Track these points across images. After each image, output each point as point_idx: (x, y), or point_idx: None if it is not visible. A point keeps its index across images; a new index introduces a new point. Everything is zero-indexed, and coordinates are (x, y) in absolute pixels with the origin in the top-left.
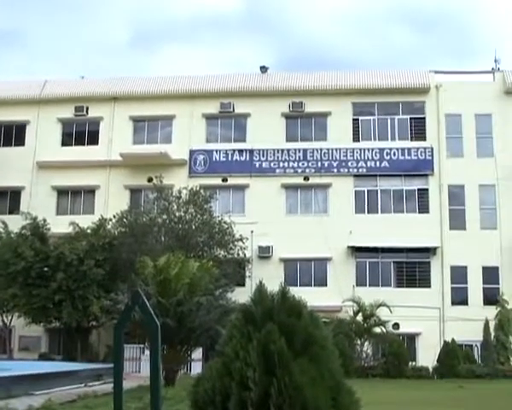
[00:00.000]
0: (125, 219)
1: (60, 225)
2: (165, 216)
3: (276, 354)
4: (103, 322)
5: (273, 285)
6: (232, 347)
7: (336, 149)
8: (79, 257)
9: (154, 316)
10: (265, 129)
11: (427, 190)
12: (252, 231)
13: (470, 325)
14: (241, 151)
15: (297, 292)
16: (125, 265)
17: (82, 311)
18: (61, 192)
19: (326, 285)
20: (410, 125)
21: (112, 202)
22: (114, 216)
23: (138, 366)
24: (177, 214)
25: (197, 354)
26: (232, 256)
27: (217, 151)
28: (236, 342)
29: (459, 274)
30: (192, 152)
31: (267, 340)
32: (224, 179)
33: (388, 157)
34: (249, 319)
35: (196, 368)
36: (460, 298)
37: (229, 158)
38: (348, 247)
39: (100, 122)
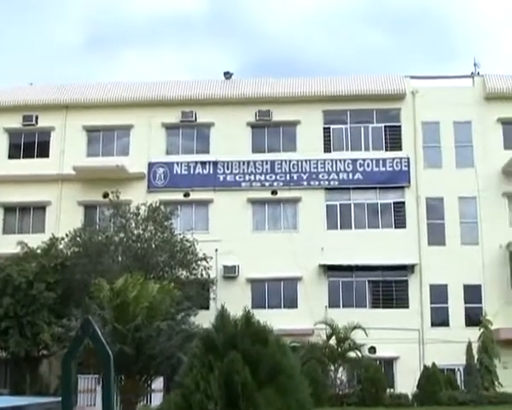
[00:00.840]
0: (78, 238)
1: (7, 245)
2: (122, 234)
3: (240, 385)
4: (55, 351)
5: (239, 308)
6: (192, 377)
7: (306, 161)
8: (28, 280)
9: (106, 345)
10: (230, 139)
11: (403, 203)
12: (216, 250)
13: (452, 347)
14: (203, 163)
15: (265, 315)
16: (79, 287)
17: (31, 339)
18: (8, 209)
19: (296, 307)
20: (385, 134)
21: (64, 220)
22: (67, 235)
23: (94, 399)
24: (135, 232)
25: (158, 383)
26: (195, 277)
27: (178, 164)
28: (197, 372)
29: (439, 293)
30: (151, 165)
31: (230, 370)
32: (186, 194)
33: (362, 168)
34: (210, 347)
35: (157, 399)
36: (440, 319)
37: (192, 171)
38: (320, 265)
39: (51, 132)
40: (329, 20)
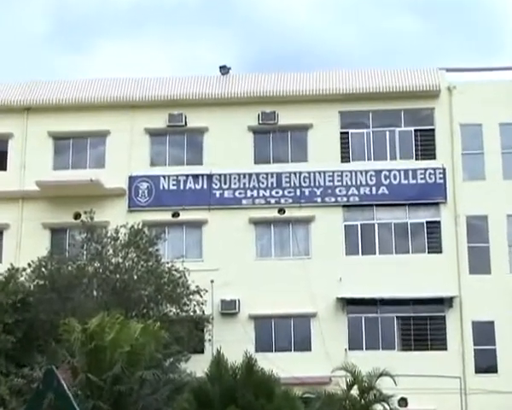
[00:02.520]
0: (43, 269)
1: None
2: (97, 263)
3: None
4: (13, 408)
5: (240, 351)
6: None
7: (320, 173)
8: None
9: (73, 402)
10: (228, 148)
11: (438, 222)
12: (212, 281)
13: (502, 399)
14: (196, 177)
15: (272, 360)
16: (44, 329)
17: None
18: None
19: (310, 350)
20: (415, 140)
21: (26, 246)
22: (29, 264)
23: None
24: (113, 261)
25: None
26: (187, 314)
27: (165, 177)
28: None
29: (484, 332)
30: (132, 179)
31: None
32: (175, 214)
33: (387, 182)
34: (204, 402)
35: None
36: (486, 364)
37: (182, 186)
38: (338, 299)
39: (8, 140)
40: (346, 3)
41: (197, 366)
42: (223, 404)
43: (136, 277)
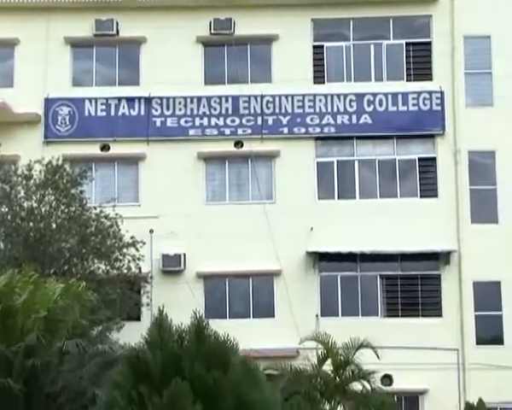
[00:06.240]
0: None
1: None
2: (4, 208)
3: None
4: None
5: (186, 317)
6: None
7: (287, 97)
8: None
9: None
10: (171, 64)
11: (434, 159)
12: (151, 231)
13: (508, 376)
14: (131, 101)
15: (226, 328)
16: None
17: None
18: None
19: (273, 316)
20: (407, 56)
21: None
22: None
23: None
24: (25, 205)
25: None
26: (119, 272)
27: (91, 101)
28: None
29: (488, 295)
30: (49, 102)
31: (172, 408)
32: (105, 147)
33: (371, 108)
34: (142, 374)
35: None
36: (490, 334)
37: (113, 112)
38: (308, 253)
39: None
40: None
41: (132, 336)
42: (166, 376)
43: (54, 225)
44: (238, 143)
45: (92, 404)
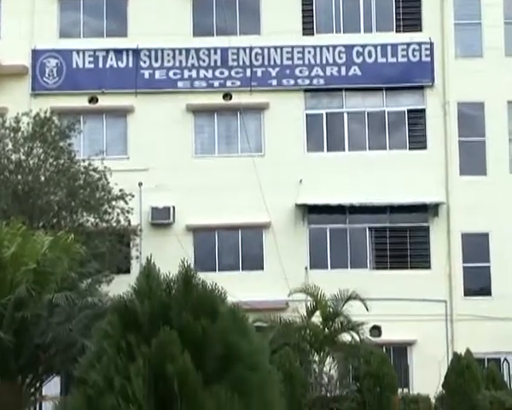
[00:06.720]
0: None
1: None
2: None
3: (177, 380)
4: None
5: (175, 270)
6: (102, 370)
7: (276, 48)
8: None
9: None
10: (159, 15)
11: (423, 111)
12: (140, 184)
13: (495, 327)
14: (119, 52)
15: (216, 281)
16: None
17: None
18: None
19: (262, 268)
20: (396, 7)
21: None
22: None
23: None
24: (13, 158)
25: (51, 387)
26: (108, 225)
27: (79, 53)
28: (109, 361)
29: (476, 246)
30: (37, 54)
31: (161, 357)
32: (93, 99)
33: (360, 60)
34: (130, 324)
35: None
36: (478, 285)
37: (101, 64)
38: (297, 205)
39: None
40: None
41: (122, 289)
42: (154, 325)
43: (43, 178)
44: (227, 96)
45: (82, 355)
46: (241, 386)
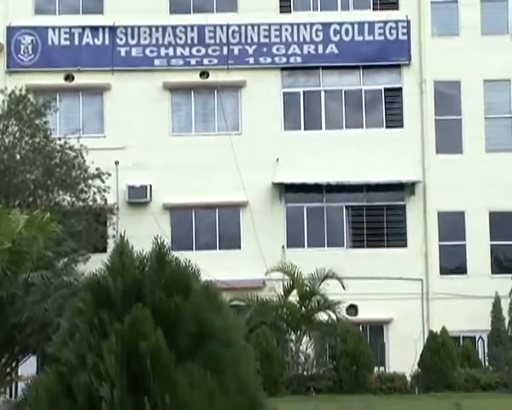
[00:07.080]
0: None
1: None
2: None
3: (149, 357)
4: None
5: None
6: (74, 347)
7: (253, 26)
8: None
9: None
10: None
11: (399, 89)
12: (116, 163)
13: (471, 305)
14: (95, 30)
15: (193, 260)
16: None
17: None
18: None
19: (239, 247)
20: None
21: None
22: None
23: None
24: None
25: (28, 367)
26: (85, 204)
27: (54, 30)
28: (81, 339)
29: (453, 225)
30: (11, 31)
31: (133, 334)
32: (69, 77)
33: (337, 38)
34: (103, 301)
35: None
36: (454, 264)
37: (77, 41)
38: (274, 184)
39: None
40: None
41: (98, 268)
42: (127, 302)
43: (18, 156)
44: (204, 74)
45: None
46: (215, 363)
